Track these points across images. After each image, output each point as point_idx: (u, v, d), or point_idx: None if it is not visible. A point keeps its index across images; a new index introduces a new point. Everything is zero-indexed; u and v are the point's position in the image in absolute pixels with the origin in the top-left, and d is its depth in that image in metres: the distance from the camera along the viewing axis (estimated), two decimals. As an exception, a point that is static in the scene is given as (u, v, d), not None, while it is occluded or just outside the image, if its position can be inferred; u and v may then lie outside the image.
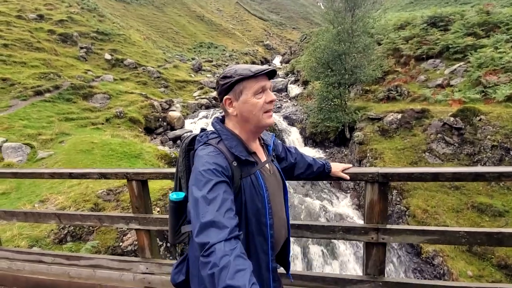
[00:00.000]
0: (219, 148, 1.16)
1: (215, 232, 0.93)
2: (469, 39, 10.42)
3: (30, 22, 17.02)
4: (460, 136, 7.04)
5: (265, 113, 1.19)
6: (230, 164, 1.13)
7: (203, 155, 1.13)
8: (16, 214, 2.70)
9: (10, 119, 8.90)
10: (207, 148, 1.16)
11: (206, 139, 1.21)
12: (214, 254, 0.89)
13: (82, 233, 4.31)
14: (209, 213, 0.97)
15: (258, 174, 1.21)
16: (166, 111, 13.62)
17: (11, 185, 5.65)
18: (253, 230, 1.17)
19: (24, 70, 12.22)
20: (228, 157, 1.14)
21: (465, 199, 5.83)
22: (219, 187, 1.04)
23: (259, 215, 1.17)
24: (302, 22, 64.68)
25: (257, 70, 1.15)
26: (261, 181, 1.20)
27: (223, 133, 1.21)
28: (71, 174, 2.52)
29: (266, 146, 1.38)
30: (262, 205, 1.18)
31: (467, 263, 4.64)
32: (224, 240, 0.91)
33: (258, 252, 1.18)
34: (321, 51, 10.75)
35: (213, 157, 1.11)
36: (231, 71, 1.19)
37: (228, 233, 0.93)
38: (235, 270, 0.85)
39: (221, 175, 1.07)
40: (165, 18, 37.68)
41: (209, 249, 0.90)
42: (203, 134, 1.25)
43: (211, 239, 0.92)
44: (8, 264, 2.72)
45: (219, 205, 0.99)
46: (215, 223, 0.95)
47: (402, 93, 10.28)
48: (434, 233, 1.78)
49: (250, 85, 1.16)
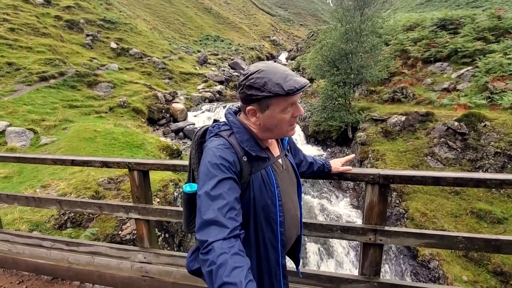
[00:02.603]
0: (230, 141, 1.11)
1: (215, 231, 0.92)
2: (479, 43, 10.29)
3: (37, 7, 17.00)
4: (464, 141, 7.01)
5: (290, 126, 1.17)
6: (240, 159, 1.09)
7: (211, 147, 1.09)
8: (18, 198, 2.73)
9: (15, 104, 8.94)
10: (217, 140, 1.12)
11: (218, 130, 1.16)
12: (212, 252, 0.88)
13: (82, 220, 4.35)
14: (211, 211, 0.95)
15: (269, 169, 1.17)
16: (170, 103, 13.64)
17: (13, 169, 5.70)
18: (263, 227, 1.14)
19: (29, 55, 12.24)
20: (238, 151, 1.10)
21: (465, 205, 5.83)
22: (224, 184, 1.00)
23: (269, 211, 1.14)
24: (310, 19, 64.14)
25: (291, 88, 1.04)
26: (272, 177, 1.16)
27: (235, 125, 1.16)
28: (74, 161, 2.53)
29: (281, 139, 1.33)
30: (272, 202, 1.14)
31: (463, 268, 4.65)
32: (223, 239, 0.90)
33: (267, 249, 1.16)
34: (328, 49, 10.68)
35: (221, 150, 1.07)
36: (260, 82, 1.05)
37: (228, 232, 0.92)
38: (232, 267, 0.84)
39: (228, 171, 1.03)
40: (172, 8, 37.47)
41: (208, 247, 0.89)
42: (215, 125, 1.21)
43: (210, 237, 0.91)
44: (8, 247, 2.76)
45: (222, 203, 0.96)
46: (216, 222, 0.93)
47: (407, 95, 10.21)
48: (433, 237, 1.79)
49: (280, 102, 1.08)
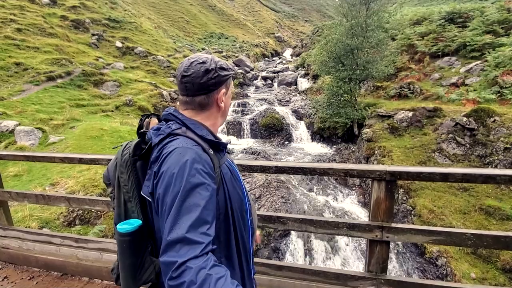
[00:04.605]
0: (191, 137, 0.99)
1: (185, 249, 0.79)
2: (488, 37, 10.09)
3: (44, 7, 17.17)
4: (472, 137, 6.89)
5: None
6: (208, 154, 0.99)
7: (178, 148, 0.93)
8: (28, 196, 2.78)
9: (23, 103, 9.08)
10: (179, 140, 0.97)
11: (169, 130, 1.00)
12: (187, 273, 0.76)
13: (90, 217, 4.41)
14: (179, 228, 0.81)
15: (229, 160, 1.15)
16: (175, 101, 13.69)
17: (23, 167, 5.80)
18: (236, 220, 1.07)
19: (37, 55, 12.40)
20: (204, 147, 0.99)
21: (473, 201, 5.74)
22: (195, 193, 0.86)
23: (240, 202, 1.10)
24: (315, 14, 63.54)
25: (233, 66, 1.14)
26: (234, 167, 1.15)
27: (189, 121, 1.04)
28: (81, 160, 2.57)
29: None
30: (240, 191, 1.11)
31: (471, 265, 4.60)
32: (195, 257, 0.78)
33: (244, 241, 1.11)
34: (333, 45, 10.58)
35: (190, 150, 0.93)
36: (222, 63, 1.09)
37: (202, 249, 0.80)
38: (216, 279, 0.76)
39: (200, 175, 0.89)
40: (177, 7, 37.47)
41: (180, 268, 0.77)
42: (158, 127, 1.04)
43: (180, 258, 0.78)
44: (19, 244, 2.82)
45: (191, 217, 0.83)
46: (186, 239, 0.80)
47: (415, 91, 10.08)
48: (440, 234, 1.77)
49: (231, 81, 1.18)
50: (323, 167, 1.91)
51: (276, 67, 24.46)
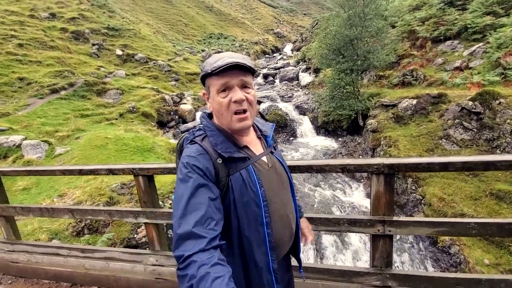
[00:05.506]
0: (203, 145, 1.09)
1: (192, 244, 0.89)
2: (488, 18, 9.84)
3: (43, 21, 17.43)
4: (479, 121, 6.73)
5: (235, 115, 1.08)
6: (214, 162, 1.05)
7: (185, 156, 1.07)
8: (32, 210, 2.82)
9: (29, 117, 9.24)
10: (191, 148, 1.10)
11: (192, 136, 1.15)
12: (192, 266, 0.85)
13: (99, 226, 4.46)
14: (186, 224, 0.92)
15: (250, 169, 1.11)
16: (178, 105, 13.76)
17: (31, 181, 5.91)
18: (246, 229, 1.07)
19: (39, 68, 12.60)
20: (212, 155, 1.07)
21: (484, 187, 5.61)
22: (198, 193, 0.97)
23: (253, 213, 1.07)
24: (313, 7, 62.92)
25: (215, 66, 1.03)
26: (254, 177, 1.10)
27: (208, 128, 1.14)
28: (81, 171, 2.59)
29: (265, 137, 1.27)
30: (255, 203, 1.07)
31: (484, 251, 4.50)
32: (201, 250, 0.87)
33: (254, 252, 1.09)
34: (332, 37, 10.45)
35: (193, 158, 1.04)
36: (204, 64, 1.11)
37: (207, 243, 0.89)
38: (213, 278, 0.82)
39: (202, 178, 1.00)
40: (174, 10, 37.58)
41: (186, 261, 0.86)
42: (191, 131, 1.18)
43: (186, 251, 0.87)
44: (27, 257, 2.86)
45: (198, 214, 0.93)
46: (193, 234, 0.90)
47: (418, 78, 9.88)
48: (443, 225, 1.72)
49: (213, 82, 1.08)
50: (319, 164, 1.88)
51: (277, 64, 24.32)
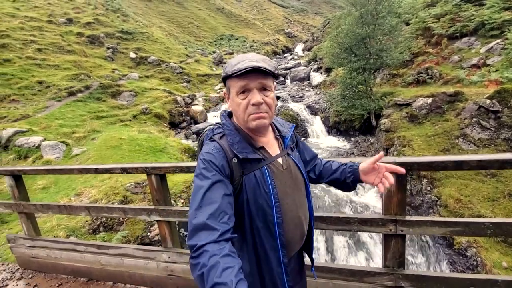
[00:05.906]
0: (221, 143, 1.13)
1: (205, 235, 0.92)
2: (507, 13, 9.51)
3: (60, 26, 18.02)
4: (497, 119, 6.50)
5: (252, 114, 1.09)
6: (229, 161, 1.09)
7: (203, 153, 1.11)
8: (51, 207, 2.93)
9: (47, 119, 9.58)
10: (209, 145, 1.14)
11: (212, 134, 1.20)
12: (203, 255, 0.88)
13: (113, 223, 4.58)
14: (201, 216, 0.96)
15: (264, 170, 1.13)
16: (189, 106, 13.93)
17: (50, 180, 6.13)
18: (259, 228, 1.11)
19: (57, 72, 13.04)
20: (228, 154, 1.10)
21: (502, 187, 5.41)
22: (215, 188, 1.01)
23: (265, 213, 1.10)
24: (324, 6, 62.37)
25: (235, 69, 1.06)
26: (268, 178, 1.12)
27: (226, 127, 1.18)
28: (97, 170, 2.68)
29: (282, 138, 1.27)
30: (267, 204, 1.10)
31: (502, 253, 4.35)
32: (213, 241, 0.91)
33: (266, 249, 1.13)
34: (343, 35, 10.33)
35: (211, 155, 1.09)
36: (226, 65, 1.15)
37: (219, 235, 0.92)
38: (223, 268, 0.84)
39: (218, 175, 1.04)
40: (186, 13, 38.09)
41: (198, 250, 0.90)
42: (211, 129, 1.24)
43: (199, 241, 0.91)
44: (47, 253, 2.98)
45: (212, 207, 0.97)
46: (206, 226, 0.94)
47: (433, 76, 9.64)
48: (457, 225, 1.69)
49: (233, 83, 1.12)
50: (330, 163, 1.87)
51: (288, 64, 24.24)
